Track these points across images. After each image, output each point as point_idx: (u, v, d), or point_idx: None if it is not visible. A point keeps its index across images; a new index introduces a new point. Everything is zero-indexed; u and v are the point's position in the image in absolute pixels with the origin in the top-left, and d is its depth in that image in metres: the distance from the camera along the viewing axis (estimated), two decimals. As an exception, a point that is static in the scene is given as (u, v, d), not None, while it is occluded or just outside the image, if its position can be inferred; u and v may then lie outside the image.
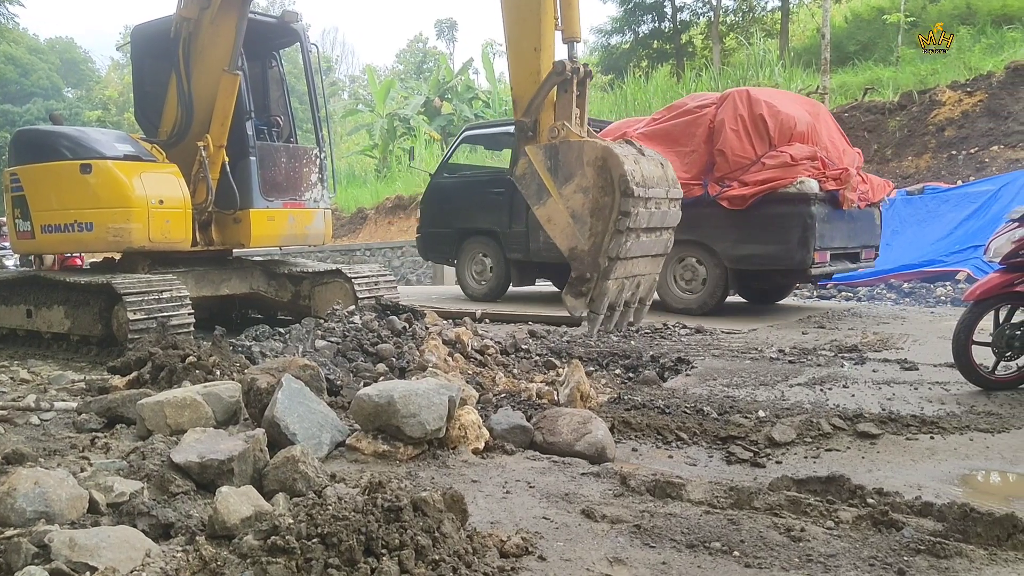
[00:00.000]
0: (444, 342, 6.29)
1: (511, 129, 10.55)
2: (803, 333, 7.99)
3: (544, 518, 2.99)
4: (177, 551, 2.55)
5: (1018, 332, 5.24)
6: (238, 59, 7.86)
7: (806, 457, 4.08)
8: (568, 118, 5.08)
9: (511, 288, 11.88)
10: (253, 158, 8.31)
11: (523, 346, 6.99)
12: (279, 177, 8.64)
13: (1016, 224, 5.25)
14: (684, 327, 8.43)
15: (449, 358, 6.05)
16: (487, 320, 9.27)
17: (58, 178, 7.73)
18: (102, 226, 7.54)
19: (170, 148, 8.18)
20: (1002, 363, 5.43)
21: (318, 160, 9.03)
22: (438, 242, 12.30)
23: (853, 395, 5.31)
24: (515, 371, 6.23)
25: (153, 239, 7.63)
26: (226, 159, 8.13)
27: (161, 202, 7.63)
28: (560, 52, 5.30)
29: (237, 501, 2.70)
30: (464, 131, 12.64)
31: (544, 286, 12.96)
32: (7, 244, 13.38)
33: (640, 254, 5.07)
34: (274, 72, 9.33)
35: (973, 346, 5.35)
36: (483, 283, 11.66)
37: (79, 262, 12.19)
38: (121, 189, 7.50)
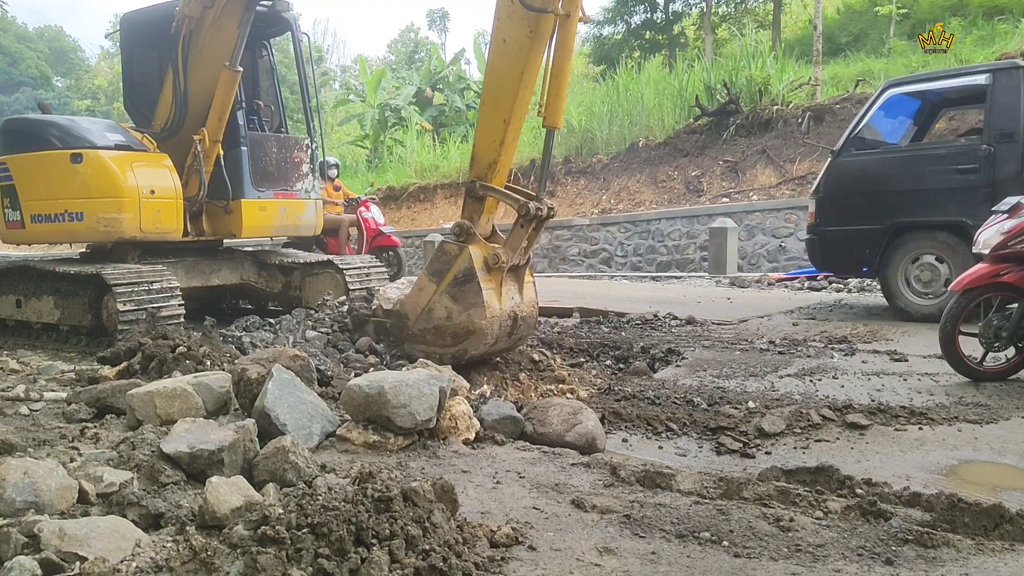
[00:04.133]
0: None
1: (981, 80, 8.05)
2: (793, 324, 8.02)
3: (534, 508, 3.00)
4: (167, 541, 2.54)
5: (1005, 322, 5.28)
6: (239, 55, 7.81)
7: (795, 448, 4.10)
8: (514, 248, 5.61)
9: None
10: (244, 148, 8.28)
11: (514, 337, 7.00)
12: (270, 167, 8.61)
13: (1005, 215, 5.28)
14: (675, 318, 8.45)
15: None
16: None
17: (48, 167, 7.68)
18: (93, 216, 7.50)
19: (164, 141, 8.14)
20: (990, 354, 5.46)
21: (309, 150, 8.99)
22: (849, 243, 8.64)
23: (843, 386, 5.34)
24: (506, 362, 6.23)
25: (144, 229, 7.60)
26: (220, 151, 8.11)
27: (152, 192, 7.60)
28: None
29: (227, 491, 2.70)
30: (887, 87, 8.97)
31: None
32: None
33: None
34: (264, 61, 9.27)
35: (961, 337, 5.39)
36: (934, 297, 8.06)
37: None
38: (112, 179, 7.46)
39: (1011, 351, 5.37)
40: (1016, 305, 5.25)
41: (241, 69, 7.87)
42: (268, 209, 8.50)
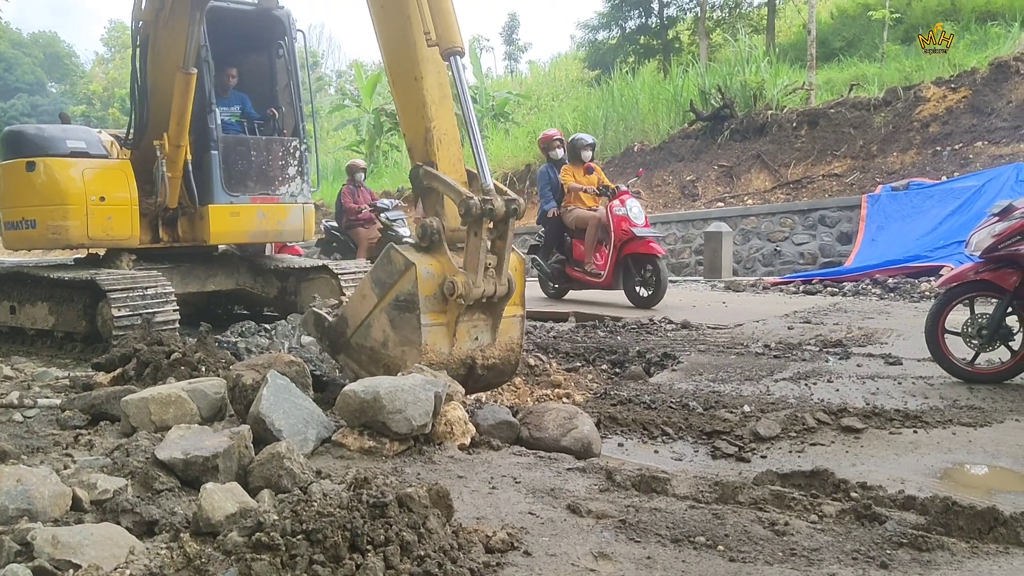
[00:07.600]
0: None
1: None
2: (788, 328, 8.03)
3: (530, 513, 2.99)
4: (161, 548, 2.53)
5: (985, 320, 5.33)
6: (193, 58, 7.57)
7: (791, 451, 4.10)
8: (474, 269, 4.42)
9: None
10: (215, 152, 8.11)
11: (510, 342, 6.99)
12: (247, 171, 8.41)
13: (996, 218, 5.31)
14: (670, 322, 8.46)
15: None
16: (474, 316, 9.24)
17: (11, 176, 7.79)
18: (43, 223, 7.55)
19: (134, 147, 8.08)
20: (984, 355, 5.48)
21: (297, 153, 8.78)
22: None
23: (837, 390, 5.34)
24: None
25: (92, 236, 7.58)
26: (189, 157, 7.98)
27: (103, 199, 7.56)
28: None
29: (222, 498, 2.69)
30: None
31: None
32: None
33: None
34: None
35: (947, 335, 5.45)
36: None
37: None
38: (59, 186, 7.51)
39: (1005, 353, 5.39)
40: (996, 302, 5.31)
41: (195, 71, 7.61)
42: (242, 214, 8.32)
